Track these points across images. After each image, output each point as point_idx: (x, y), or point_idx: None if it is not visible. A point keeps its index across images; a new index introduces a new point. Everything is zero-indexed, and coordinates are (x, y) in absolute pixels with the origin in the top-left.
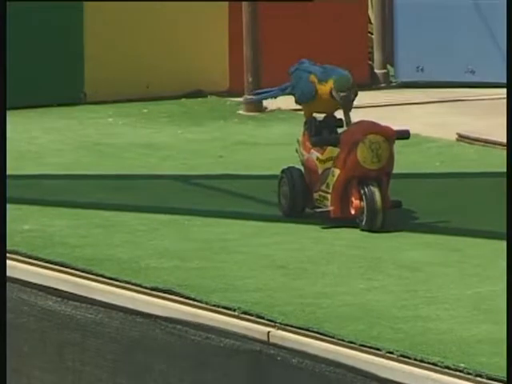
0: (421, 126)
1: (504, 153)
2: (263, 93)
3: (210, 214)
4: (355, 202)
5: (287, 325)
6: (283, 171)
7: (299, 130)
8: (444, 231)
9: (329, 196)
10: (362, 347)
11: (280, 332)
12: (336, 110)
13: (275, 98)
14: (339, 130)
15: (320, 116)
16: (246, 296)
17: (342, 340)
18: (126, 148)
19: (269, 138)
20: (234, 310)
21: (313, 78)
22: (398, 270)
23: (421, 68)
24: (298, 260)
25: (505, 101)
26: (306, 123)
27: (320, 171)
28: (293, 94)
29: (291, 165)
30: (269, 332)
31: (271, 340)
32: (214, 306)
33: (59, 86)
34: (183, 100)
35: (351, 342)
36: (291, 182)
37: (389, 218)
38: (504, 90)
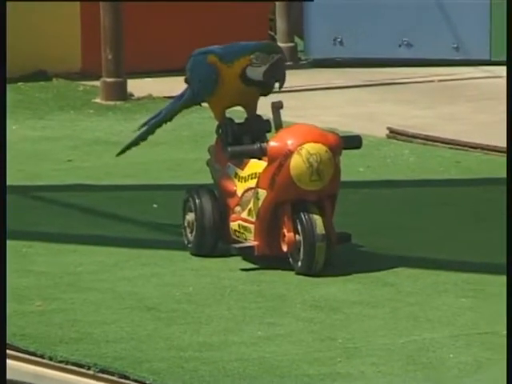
0: (339, 118)
1: (451, 153)
2: (152, 118)
3: (56, 239)
4: (288, 234)
5: None
6: (189, 191)
7: (178, 125)
8: (370, 260)
9: (252, 227)
10: None
11: None
12: (255, 99)
13: (170, 119)
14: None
15: (238, 116)
16: (104, 348)
17: None
18: None
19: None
20: (89, 368)
21: (212, 58)
22: (308, 311)
23: (339, 40)
24: (174, 299)
25: (451, 83)
26: (218, 127)
27: (239, 193)
28: (194, 97)
29: (199, 183)
30: None
31: None
32: (62, 362)
33: None
34: (19, 84)
35: None
36: (199, 207)
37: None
38: (452, 70)
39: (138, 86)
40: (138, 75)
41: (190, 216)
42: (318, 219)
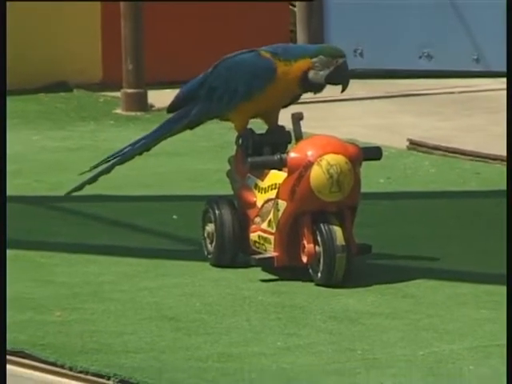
0: (359, 130)
1: (471, 165)
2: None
3: (75, 249)
4: (308, 246)
5: None
6: (208, 202)
7: (198, 135)
8: (390, 271)
9: (272, 238)
10: None
11: None
12: (279, 109)
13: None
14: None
15: (258, 127)
16: (124, 359)
17: None
18: None
19: (156, 146)
20: (109, 378)
21: (265, 53)
22: (328, 322)
23: (359, 52)
24: (194, 310)
25: (471, 95)
26: (238, 138)
27: (259, 204)
28: (216, 111)
29: (219, 193)
30: None
31: None
32: (82, 372)
33: None
34: (40, 95)
35: None
36: (219, 218)
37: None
38: (472, 81)
39: (158, 97)
40: (158, 86)
41: (210, 227)
42: (337, 230)
